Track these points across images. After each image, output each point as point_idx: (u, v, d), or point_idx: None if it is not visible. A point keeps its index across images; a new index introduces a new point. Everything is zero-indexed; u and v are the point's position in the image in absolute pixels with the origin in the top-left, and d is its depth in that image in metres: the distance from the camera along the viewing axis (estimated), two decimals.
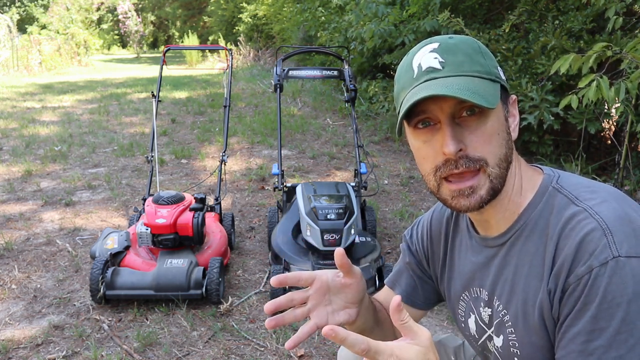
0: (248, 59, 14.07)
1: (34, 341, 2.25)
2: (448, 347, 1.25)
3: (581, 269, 0.74)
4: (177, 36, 28.72)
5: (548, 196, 0.85)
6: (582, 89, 2.45)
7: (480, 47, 0.85)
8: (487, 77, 0.82)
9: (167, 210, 2.59)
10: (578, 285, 0.74)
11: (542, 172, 0.90)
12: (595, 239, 0.74)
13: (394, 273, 1.19)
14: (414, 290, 1.14)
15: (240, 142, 5.80)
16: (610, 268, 0.72)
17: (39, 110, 8.01)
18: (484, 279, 0.94)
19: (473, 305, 0.98)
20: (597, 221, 0.76)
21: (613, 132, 4.23)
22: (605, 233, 0.74)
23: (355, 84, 3.32)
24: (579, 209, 0.79)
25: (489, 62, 0.84)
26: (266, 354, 2.17)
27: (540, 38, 3.98)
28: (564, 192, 0.84)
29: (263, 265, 2.95)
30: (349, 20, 6.29)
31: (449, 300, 1.07)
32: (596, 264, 0.73)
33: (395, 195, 4.12)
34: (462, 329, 1.06)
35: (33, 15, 25.61)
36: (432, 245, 1.09)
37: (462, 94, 0.76)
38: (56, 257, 3.06)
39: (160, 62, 3.69)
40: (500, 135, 0.82)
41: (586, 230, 0.75)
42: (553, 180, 0.87)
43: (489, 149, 0.80)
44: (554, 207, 0.83)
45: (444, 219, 1.06)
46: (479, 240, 0.95)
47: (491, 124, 0.81)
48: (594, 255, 0.73)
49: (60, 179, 4.53)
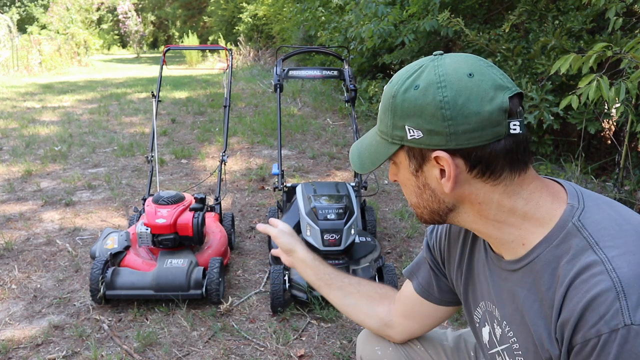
0: (248, 59, 14.07)
1: (34, 341, 2.25)
2: (469, 342, 1.24)
3: (589, 331, 0.71)
4: (177, 36, 28.72)
5: (566, 234, 0.79)
6: (582, 88, 2.45)
7: (402, 100, 0.82)
8: (385, 138, 0.88)
9: (167, 210, 2.59)
10: (585, 347, 0.71)
11: (566, 201, 0.83)
12: (608, 302, 0.69)
13: (414, 264, 1.20)
14: (429, 284, 1.14)
15: (240, 142, 5.80)
16: (621, 336, 0.68)
17: (39, 110, 8.01)
18: (497, 298, 0.92)
19: (488, 317, 0.97)
20: (613, 280, 0.70)
21: (613, 132, 4.23)
22: (620, 296, 0.69)
23: (355, 84, 3.32)
24: (596, 259, 0.73)
25: (397, 120, 0.83)
26: (266, 354, 2.17)
27: (540, 38, 3.98)
28: (584, 233, 0.77)
29: (263, 265, 2.96)
30: (348, 20, 6.29)
31: (466, 305, 1.06)
32: (605, 330, 0.69)
33: (395, 195, 4.12)
34: (475, 333, 1.06)
35: (33, 15, 25.62)
36: (449, 247, 1.07)
37: (351, 156, 0.95)
38: (56, 257, 3.06)
39: (160, 62, 3.69)
40: (408, 186, 0.92)
41: (599, 290, 0.70)
42: (576, 214, 0.80)
43: (405, 193, 0.95)
44: (571, 250, 0.77)
45: None
46: (494, 259, 0.93)
47: (401, 174, 0.91)
48: (604, 319, 0.69)
49: (60, 179, 4.53)
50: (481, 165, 0.81)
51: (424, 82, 0.80)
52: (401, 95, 0.82)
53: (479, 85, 0.78)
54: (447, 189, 0.84)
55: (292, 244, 1.37)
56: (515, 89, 0.80)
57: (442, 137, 0.79)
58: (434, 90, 0.79)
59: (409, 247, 3.19)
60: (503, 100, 0.78)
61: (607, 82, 2.39)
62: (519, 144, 0.80)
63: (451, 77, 0.78)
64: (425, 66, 0.82)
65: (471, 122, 0.77)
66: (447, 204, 0.88)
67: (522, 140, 0.81)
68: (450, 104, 0.77)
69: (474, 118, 0.77)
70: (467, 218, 0.89)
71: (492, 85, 0.78)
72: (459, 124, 0.78)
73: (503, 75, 0.81)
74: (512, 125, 0.79)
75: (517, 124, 0.79)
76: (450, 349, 1.24)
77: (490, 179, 0.82)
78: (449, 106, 0.77)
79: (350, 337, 2.27)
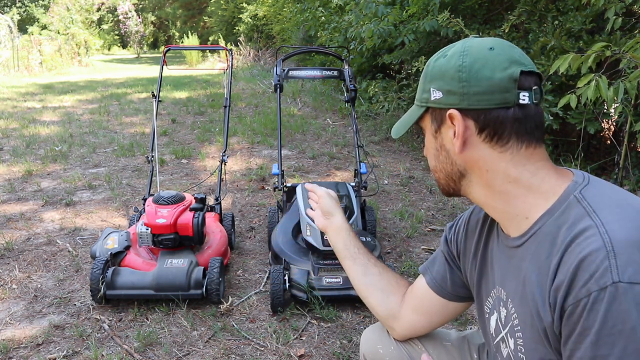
0: (248, 59, 14.08)
1: (34, 341, 2.25)
2: (472, 343, 1.25)
3: (580, 291, 0.72)
4: (178, 36, 28.75)
5: (567, 205, 0.82)
6: (580, 88, 2.45)
7: (430, 67, 0.94)
8: (417, 104, 0.97)
9: (168, 210, 2.59)
10: (577, 307, 0.73)
11: (571, 178, 0.87)
12: (598, 261, 0.71)
13: (429, 260, 1.22)
14: (442, 279, 1.16)
15: (240, 142, 5.80)
16: (610, 294, 0.69)
17: (39, 110, 8.02)
18: (505, 279, 0.95)
19: (497, 304, 0.99)
20: (604, 240, 0.73)
21: (612, 132, 4.23)
22: (609, 255, 0.71)
23: (355, 84, 3.32)
24: (591, 224, 0.76)
25: (426, 84, 0.94)
26: (266, 353, 2.18)
27: (540, 38, 3.98)
28: (583, 203, 0.80)
29: (263, 265, 2.96)
30: (348, 20, 6.30)
31: (477, 297, 1.07)
32: (595, 288, 0.71)
33: (395, 195, 4.13)
34: (483, 327, 1.07)
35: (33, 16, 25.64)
36: (466, 240, 1.10)
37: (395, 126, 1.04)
38: (56, 257, 3.06)
39: (161, 62, 3.69)
40: (430, 152, 1.00)
41: (590, 250, 0.73)
42: (578, 188, 0.84)
43: (428, 159, 1.03)
44: (570, 218, 0.80)
45: (482, 214, 1.07)
46: (503, 240, 0.96)
47: (427, 138, 1.00)
48: (593, 278, 0.71)
49: (60, 179, 4.54)
50: (489, 129, 0.87)
51: (452, 52, 0.91)
52: (433, 63, 0.94)
53: (496, 57, 0.86)
54: (457, 149, 0.90)
55: (333, 208, 1.39)
56: (530, 66, 0.87)
57: (456, 97, 0.88)
58: (457, 57, 0.89)
59: (409, 247, 3.20)
60: (514, 71, 0.85)
61: (605, 81, 2.39)
62: (527, 116, 0.86)
63: (474, 49, 0.89)
64: (459, 42, 0.93)
65: (483, 85, 0.86)
66: (458, 167, 0.94)
67: (532, 113, 0.86)
68: (467, 69, 0.87)
69: (486, 82, 0.85)
70: (477, 189, 0.94)
71: (509, 59, 0.86)
72: (472, 86, 0.86)
73: (523, 55, 0.89)
74: (521, 96, 0.85)
75: (526, 95, 0.85)
76: (451, 349, 1.24)
77: (497, 145, 0.88)
78: (465, 70, 0.87)
79: (350, 337, 2.27)
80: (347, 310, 2.49)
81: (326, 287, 2.44)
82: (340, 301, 2.50)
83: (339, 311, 2.47)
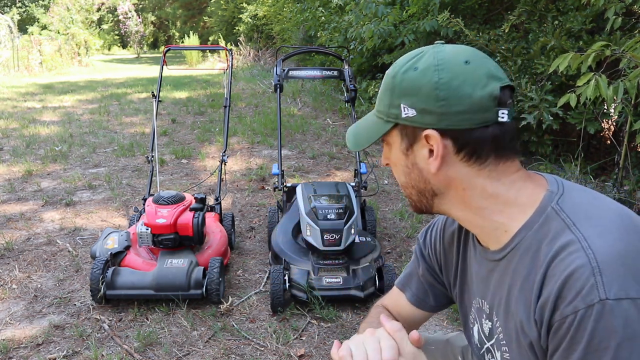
0: (248, 59, 14.08)
1: (34, 341, 2.25)
2: (455, 346, 1.24)
3: (566, 308, 0.72)
4: (178, 36, 28.75)
5: (545, 218, 0.81)
6: (580, 87, 2.45)
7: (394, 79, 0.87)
8: (381, 117, 0.91)
9: (168, 210, 2.59)
10: (563, 324, 0.72)
11: (546, 187, 0.86)
12: (583, 278, 0.71)
13: (405, 275, 1.18)
14: (424, 295, 1.14)
15: (240, 142, 5.80)
16: (597, 311, 0.69)
17: (39, 110, 8.02)
18: (486, 291, 0.93)
19: (478, 315, 0.98)
20: (588, 257, 0.72)
21: (612, 132, 4.23)
22: (594, 272, 0.70)
23: (355, 84, 3.32)
24: (572, 239, 0.75)
25: (394, 99, 0.87)
26: (266, 353, 2.18)
27: (540, 38, 3.98)
28: (562, 215, 0.79)
29: (263, 265, 2.96)
30: (348, 21, 6.30)
31: (461, 307, 1.06)
32: (582, 306, 0.70)
33: (395, 195, 4.13)
34: (468, 337, 1.06)
35: (34, 16, 25.63)
36: (446, 252, 1.08)
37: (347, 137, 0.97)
38: (57, 257, 3.06)
39: (161, 62, 3.69)
40: (398, 166, 0.93)
41: (574, 267, 0.72)
42: (554, 198, 0.82)
43: (395, 174, 0.96)
44: (550, 232, 0.79)
45: (455, 225, 1.05)
46: (481, 252, 0.94)
47: (393, 153, 0.93)
48: (580, 295, 0.71)
49: (60, 179, 4.54)
50: (468, 148, 0.84)
51: (423, 64, 0.84)
52: (400, 75, 0.86)
53: (473, 72, 0.82)
54: (433, 169, 0.86)
55: None
56: (506, 81, 0.84)
57: (434, 117, 0.83)
58: (431, 72, 0.83)
59: (409, 247, 3.20)
60: (494, 88, 0.81)
61: (605, 80, 2.39)
62: (505, 132, 0.84)
63: (449, 62, 0.83)
64: (426, 51, 0.86)
65: (463, 104, 0.81)
66: (432, 186, 0.90)
67: (509, 129, 0.84)
68: (445, 86, 0.81)
69: (467, 101, 0.81)
70: (452, 206, 0.91)
71: (486, 73, 0.82)
72: (452, 105, 0.81)
73: (497, 67, 0.85)
74: (500, 113, 0.82)
75: (505, 113, 0.82)
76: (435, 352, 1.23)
77: (475, 164, 0.85)
78: (444, 87, 0.81)
79: (350, 337, 2.27)
80: (347, 310, 2.49)
81: (326, 287, 2.44)
82: (340, 301, 2.50)
83: (339, 311, 2.47)
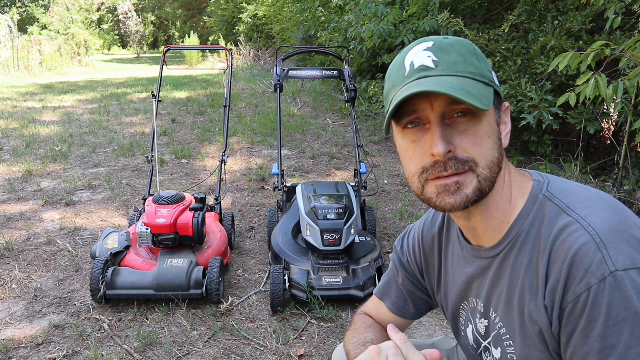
0: (248, 59, 14.07)
1: (34, 341, 2.25)
2: (441, 349, 1.23)
3: (579, 286, 0.72)
4: (178, 36, 28.77)
5: (539, 205, 0.82)
6: (580, 86, 2.45)
7: (475, 50, 0.83)
8: (481, 80, 0.79)
9: (168, 210, 2.59)
10: (577, 303, 0.72)
11: (532, 178, 0.87)
12: (590, 254, 0.72)
13: (384, 284, 1.17)
14: (404, 303, 1.13)
15: (240, 142, 5.80)
16: (610, 284, 0.70)
17: (39, 110, 8.02)
18: (480, 290, 0.93)
19: (471, 315, 0.98)
20: (590, 234, 0.73)
21: (612, 132, 4.24)
22: (600, 247, 0.72)
23: (355, 84, 3.33)
24: (571, 220, 0.77)
25: (483, 65, 0.82)
26: (266, 353, 2.18)
27: (540, 38, 3.99)
28: (554, 200, 0.81)
29: (263, 265, 2.96)
30: (348, 20, 6.30)
31: (447, 310, 1.06)
32: (594, 281, 0.71)
33: (395, 195, 4.13)
34: (460, 339, 1.05)
35: (34, 16, 25.61)
36: (426, 257, 1.07)
37: (456, 93, 0.74)
38: (57, 257, 3.06)
39: (161, 63, 3.70)
40: (491, 139, 0.80)
41: (579, 244, 0.73)
42: (543, 187, 0.84)
43: (479, 151, 0.79)
44: (545, 217, 0.80)
45: (435, 229, 1.04)
46: (470, 251, 0.93)
47: (482, 126, 0.79)
48: (590, 271, 0.71)
49: (60, 179, 4.54)
50: None
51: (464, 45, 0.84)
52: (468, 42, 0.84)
53: None
54: (506, 143, 0.85)
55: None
56: None
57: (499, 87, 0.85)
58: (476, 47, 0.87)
59: None
60: None
61: (605, 79, 2.39)
62: None
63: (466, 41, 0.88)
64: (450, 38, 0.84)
65: None
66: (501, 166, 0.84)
67: None
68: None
69: None
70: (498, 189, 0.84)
71: None
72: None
73: None
74: None
75: None
76: None
77: None
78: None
79: None
80: (347, 310, 2.49)
81: (326, 287, 2.44)
82: (340, 301, 2.51)
83: (339, 311, 2.47)
